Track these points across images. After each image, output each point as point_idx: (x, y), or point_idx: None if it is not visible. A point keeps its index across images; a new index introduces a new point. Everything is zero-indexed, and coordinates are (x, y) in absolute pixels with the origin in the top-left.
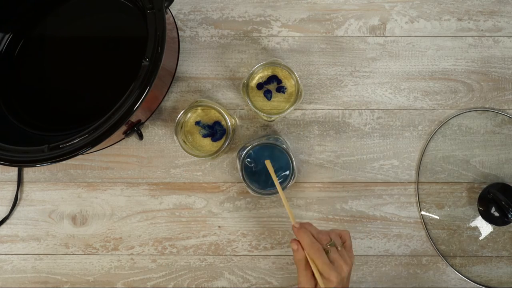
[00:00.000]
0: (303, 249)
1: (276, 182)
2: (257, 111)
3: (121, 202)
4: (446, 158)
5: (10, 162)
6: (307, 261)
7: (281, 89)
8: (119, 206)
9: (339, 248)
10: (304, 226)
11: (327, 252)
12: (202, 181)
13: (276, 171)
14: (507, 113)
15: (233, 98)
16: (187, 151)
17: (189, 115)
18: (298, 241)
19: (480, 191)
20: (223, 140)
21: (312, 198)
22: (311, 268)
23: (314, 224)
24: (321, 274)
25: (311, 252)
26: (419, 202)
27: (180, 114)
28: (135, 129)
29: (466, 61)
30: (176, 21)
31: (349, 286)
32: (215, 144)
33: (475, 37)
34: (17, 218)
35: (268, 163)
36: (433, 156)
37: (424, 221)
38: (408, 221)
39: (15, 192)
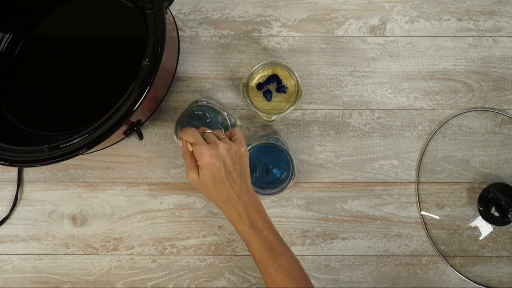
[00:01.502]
0: (186, 142)
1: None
2: (257, 111)
3: (121, 202)
4: (446, 158)
5: (10, 162)
6: (191, 152)
7: (281, 89)
8: (119, 206)
9: (220, 137)
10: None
11: (203, 137)
12: None
13: (276, 171)
14: (507, 113)
15: (233, 98)
16: None
17: (189, 115)
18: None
19: (480, 191)
20: None
21: (312, 198)
22: (195, 158)
23: (314, 224)
24: (194, 150)
25: (186, 135)
26: (419, 202)
27: (180, 114)
28: (135, 129)
29: (466, 61)
30: (176, 21)
31: (247, 179)
32: None
33: (475, 37)
34: (17, 218)
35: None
36: (433, 156)
37: (424, 221)
38: (408, 221)
39: (15, 192)
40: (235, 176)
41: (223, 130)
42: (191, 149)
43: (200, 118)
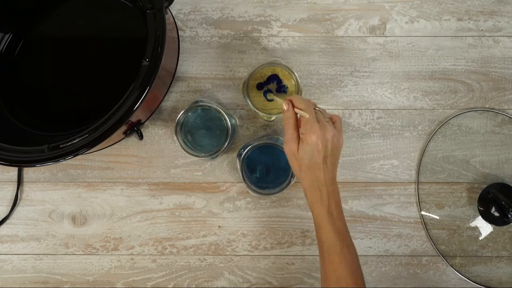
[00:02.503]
0: (293, 108)
1: (279, 99)
2: (257, 111)
3: (121, 202)
4: (446, 158)
5: (10, 162)
6: (295, 122)
7: (281, 89)
8: (119, 206)
9: (326, 119)
10: None
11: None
12: (202, 181)
13: (276, 171)
14: (507, 113)
15: (233, 98)
16: (187, 151)
17: (189, 115)
18: (291, 101)
19: (480, 191)
20: (223, 139)
21: None
22: (297, 130)
23: (313, 224)
24: (305, 124)
25: (301, 104)
26: (419, 202)
27: (180, 114)
28: (135, 129)
29: (466, 61)
30: (176, 21)
31: (336, 168)
32: (215, 144)
33: (475, 37)
34: (17, 218)
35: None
36: (433, 156)
37: (424, 221)
38: (408, 221)
39: (15, 192)
40: (329, 162)
41: (227, 130)
42: (302, 115)
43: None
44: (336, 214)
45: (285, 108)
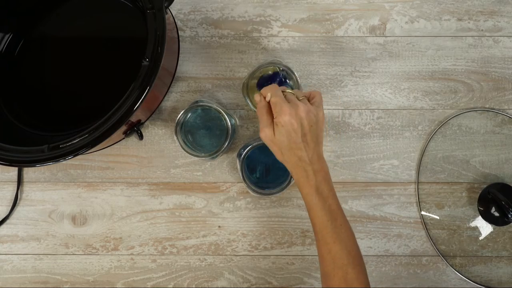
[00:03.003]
0: (264, 98)
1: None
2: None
3: (121, 202)
4: (446, 158)
5: (10, 162)
6: (268, 109)
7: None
8: (119, 206)
9: (300, 98)
10: None
11: (284, 95)
12: (202, 181)
13: (276, 171)
14: (507, 113)
15: (233, 98)
16: (187, 151)
17: (189, 115)
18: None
19: (480, 191)
20: (223, 139)
21: None
22: (271, 116)
23: None
24: (274, 107)
25: (266, 91)
26: (419, 202)
27: (180, 114)
28: (135, 129)
29: (466, 61)
30: (176, 21)
31: (320, 145)
32: (215, 144)
33: (475, 37)
34: (17, 218)
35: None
36: (433, 156)
37: (424, 221)
38: (408, 221)
39: (15, 192)
40: (309, 139)
41: (227, 130)
42: (268, 104)
43: (202, 117)
44: (326, 193)
45: (257, 98)
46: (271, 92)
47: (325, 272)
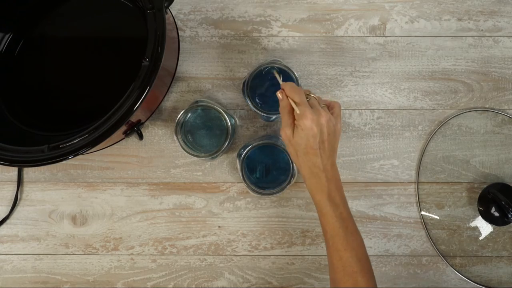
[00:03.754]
0: (287, 97)
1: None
2: (257, 111)
3: (121, 202)
4: (446, 158)
5: (10, 162)
6: (290, 109)
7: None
8: (119, 206)
9: (321, 105)
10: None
11: (307, 99)
12: (202, 181)
13: (276, 171)
14: (507, 113)
15: (233, 98)
16: (187, 151)
17: (189, 115)
18: (283, 90)
19: (480, 191)
20: (223, 139)
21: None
22: (293, 116)
23: (314, 225)
24: (296, 109)
25: (291, 92)
26: (419, 202)
27: (180, 114)
28: (135, 129)
29: (466, 61)
30: (176, 21)
31: (335, 154)
32: (215, 144)
33: (475, 37)
34: (17, 218)
35: (275, 73)
36: (433, 156)
37: (424, 221)
38: (408, 221)
39: (15, 192)
40: (326, 147)
41: (227, 130)
42: (293, 106)
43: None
44: (338, 200)
45: (280, 97)
46: (295, 95)
47: (334, 279)
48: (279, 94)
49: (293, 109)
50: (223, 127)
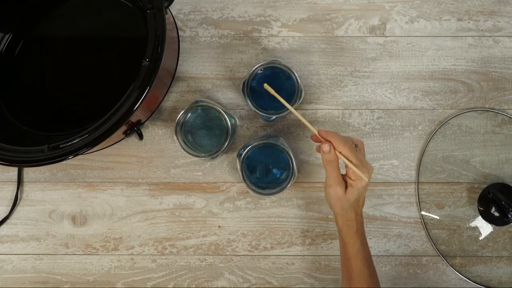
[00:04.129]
0: (335, 150)
1: (283, 101)
2: (257, 111)
3: (121, 202)
4: (446, 158)
5: (10, 162)
6: (338, 164)
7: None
8: (119, 206)
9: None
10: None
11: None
12: (202, 181)
13: (276, 171)
14: (507, 113)
15: (233, 98)
16: (187, 151)
17: (189, 115)
18: (330, 142)
19: (480, 191)
20: (223, 139)
21: (312, 198)
22: (340, 172)
23: (313, 224)
24: (352, 168)
25: (345, 149)
26: (419, 202)
27: (180, 114)
28: (135, 129)
29: (466, 61)
30: (176, 21)
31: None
32: (215, 144)
33: (475, 37)
34: (17, 218)
35: (267, 87)
36: (433, 156)
37: (424, 221)
38: (408, 221)
39: (15, 192)
40: (362, 198)
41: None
42: (350, 167)
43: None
44: (365, 242)
45: (326, 150)
46: (349, 150)
47: None
48: (325, 146)
49: (338, 164)
50: (223, 127)
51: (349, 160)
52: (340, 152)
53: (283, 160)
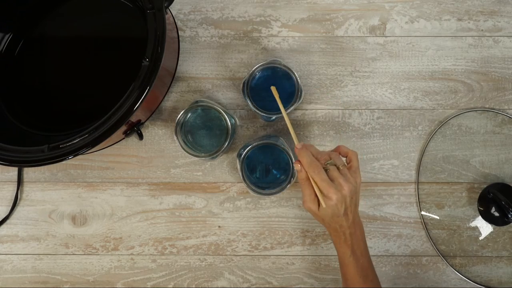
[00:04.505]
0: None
1: (281, 107)
2: (257, 111)
3: (121, 202)
4: (446, 158)
5: (10, 162)
6: (310, 181)
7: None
8: (119, 206)
9: (340, 168)
10: (305, 146)
11: (326, 171)
12: (202, 181)
13: (276, 171)
14: (507, 113)
15: (233, 98)
16: (187, 151)
17: (189, 115)
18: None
19: (480, 191)
20: (223, 139)
21: None
22: (312, 187)
23: (314, 225)
24: (320, 191)
25: (310, 170)
26: (419, 202)
27: (180, 114)
28: (135, 129)
29: (466, 61)
30: (176, 21)
31: (357, 208)
32: (215, 144)
33: (475, 37)
34: (17, 218)
35: (274, 90)
36: (433, 156)
37: (424, 221)
38: (408, 221)
39: (15, 192)
40: (349, 212)
41: (227, 130)
42: (315, 189)
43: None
44: (360, 252)
45: (298, 168)
46: (314, 173)
47: None
48: (296, 166)
49: (311, 181)
50: (223, 127)
51: (314, 181)
52: (304, 168)
53: (283, 160)
